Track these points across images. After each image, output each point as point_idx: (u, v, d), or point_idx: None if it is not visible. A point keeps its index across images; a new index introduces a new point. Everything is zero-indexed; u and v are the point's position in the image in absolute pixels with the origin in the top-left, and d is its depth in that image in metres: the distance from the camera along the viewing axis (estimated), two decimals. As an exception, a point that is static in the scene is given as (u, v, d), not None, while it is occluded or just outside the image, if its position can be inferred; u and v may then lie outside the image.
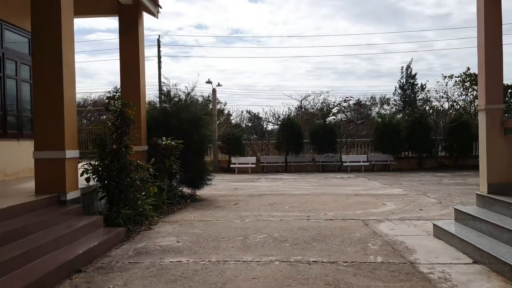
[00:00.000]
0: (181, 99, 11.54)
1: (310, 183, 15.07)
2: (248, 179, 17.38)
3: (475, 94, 23.03)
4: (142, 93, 10.35)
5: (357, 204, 9.75)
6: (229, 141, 21.67)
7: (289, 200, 10.67)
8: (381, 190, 12.66)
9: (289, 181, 16.04)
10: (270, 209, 9.22)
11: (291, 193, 12.18)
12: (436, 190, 12.36)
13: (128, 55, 10.28)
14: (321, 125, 22.28)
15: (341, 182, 15.55)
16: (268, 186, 14.20)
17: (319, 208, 9.23)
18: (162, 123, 10.90)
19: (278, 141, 22.13)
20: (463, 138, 20.89)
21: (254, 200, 10.80)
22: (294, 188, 13.58)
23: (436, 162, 21.68)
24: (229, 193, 12.37)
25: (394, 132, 21.13)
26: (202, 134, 11.31)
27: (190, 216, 8.62)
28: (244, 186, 14.33)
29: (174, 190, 10.34)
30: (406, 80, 55.82)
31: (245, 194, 12.00)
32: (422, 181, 15.04)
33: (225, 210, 9.29)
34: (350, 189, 12.92)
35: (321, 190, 12.76)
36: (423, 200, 10.25)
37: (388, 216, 8.19)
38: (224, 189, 13.48)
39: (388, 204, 9.74)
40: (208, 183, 11.52)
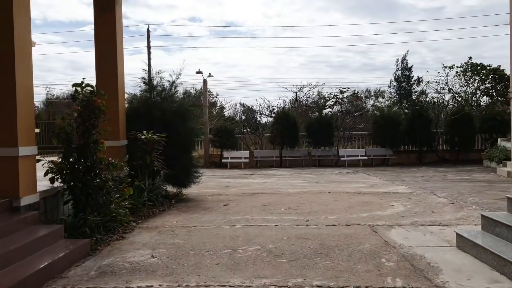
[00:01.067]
0: (165, 88, 10.44)
1: (306, 180, 14.06)
2: (241, 175, 16.34)
3: (477, 85, 22.14)
4: (120, 81, 9.24)
5: (361, 205, 8.74)
6: (221, 135, 20.58)
7: (284, 200, 9.64)
8: (384, 187, 11.67)
9: (284, 177, 15.02)
10: (263, 212, 8.19)
11: (287, 191, 11.16)
12: (443, 187, 11.39)
13: (105, 38, 9.14)
14: (317, 118, 21.28)
15: (339, 178, 14.55)
16: (261, 183, 13.17)
17: (318, 210, 8.22)
18: (143, 115, 9.80)
19: (272, 134, 21.10)
20: (464, 131, 19.99)
21: (246, 200, 9.76)
22: (290, 185, 12.56)
23: (436, 156, 20.76)
24: (219, 192, 11.32)
25: (393, 125, 20.16)
26: (188, 127, 10.24)
27: (172, 220, 7.57)
28: (236, 183, 13.29)
29: (156, 189, 9.27)
30: (401, 73, 55.02)
31: (237, 193, 10.96)
32: (425, 177, 14.08)
33: (213, 212, 8.25)
34: (350, 187, 11.92)
35: (319, 188, 11.75)
36: (432, 200, 9.27)
37: (398, 220, 7.19)
38: (214, 187, 12.43)
39: (394, 205, 8.75)
40: (196, 181, 10.47)
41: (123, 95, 9.46)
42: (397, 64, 54.33)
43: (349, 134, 21.64)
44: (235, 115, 29.93)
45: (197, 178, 10.47)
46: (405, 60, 54.76)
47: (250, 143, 21.74)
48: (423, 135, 20.09)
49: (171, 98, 10.48)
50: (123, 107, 9.40)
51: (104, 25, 9.14)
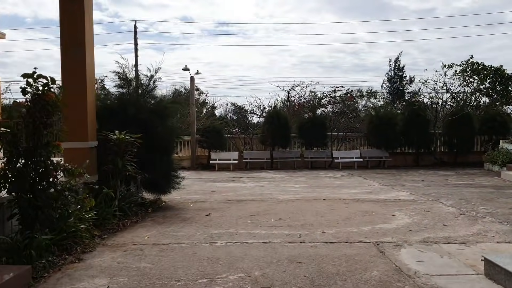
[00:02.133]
0: (143, 83, 9.36)
1: (299, 184, 13.05)
2: (229, 178, 15.28)
3: (476, 85, 21.31)
4: (90, 75, 8.13)
5: (361, 216, 7.74)
6: (208, 135, 19.51)
7: (275, 208, 8.61)
8: (384, 193, 10.69)
9: (275, 181, 13.99)
10: (251, 224, 7.15)
11: (278, 197, 10.13)
12: (448, 194, 10.44)
13: (72, 23, 8.00)
14: (310, 118, 20.27)
15: (334, 182, 13.56)
16: (250, 188, 12.12)
17: (313, 222, 7.20)
18: (117, 113, 8.73)
19: (263, 134, 20.07)
20: (463, 132, 19.13)
21: (232, 208, 8.72)
22: (281, 190, 11.53)
23: (434, 158, 19.87)
24: (203, 198, 10.26)
25: (389, 125, 19.22)
26: (168, 126, 9.18)
27: (144, 235, 6.50)
28: (223, 188, 12.23)
29: (130, 197, 8.20)
30: (394, 73, 54.37)
31: (222, 200, 9.91)
32: (426, 182, 13.14)
33: (192, 224, 7.19)
34: (346, 192, 10.93)
35: (313, 194, 10.74)
36: (440, 210, 8.30)
37: (407, 236, 6.19)
38: (198, 192, 11.37)
39: (399, 215, 7.75)
40: (176, 186, 9.41)
41: (93, 91, 8.35)
42: (390, 64, 53.68)
43: (343, 135, 20.68)
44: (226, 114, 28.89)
45: (178, 184, 9.40)
46: (398, 61, 54.19)
47: (240, 143, 20.69)
48: (421, 136, 19.19)
49: (150, 95, 9.42)
50: (93, 104, 8.29)
51: (71, 8, 8.02)
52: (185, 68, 20.14)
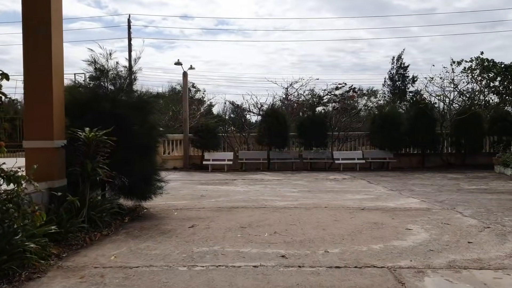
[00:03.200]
0: (121, 75, 8.25)
1: (297, 188, 11.96)
2: (222, 180, 14.20)
3: (486, 82, 20.23)
4: (57, 61, 7.01)
5: (369, 229, 6.66)
6: (201, 134, 18.42)
7: (270, 218, 7.52)
8: (392, 200, 9.61)
9: (271, 184, 12.91)
10: (241, 239, 6.06)
11: (274, 204, 9.04)
12: (463, 201, 9.37)
13: (36, 6, 6.91)
14: (310, 116, 19.19)
15: (336, 186, 12.47)
16: (244, 193, 11.03)
17: (314, 237, 6.11)
18: (91, 108, 7.62)
19: (259, 134, 18.98)
20: (472, 132, 18.07)
21: (221, 218, 7.63)
22: (278, 195, 10.44)
23: (441, 160, 18.81)
24: (191, 204, 9.18)
25: (394, 125, 18.14)
26: (149, 124, 8.10)
27: (112, 253, 5.40)
28: (214, 192, 11.15)
29: (103, 205, 7.10)
30: (396, 71, 53.35)
31: (212, 207, 8.82)
32: (436, 186, 12.06)
33: (172, 239, 6.10)
34: (350, 198, 9.85)
35: (313, 200, 9.66)
36: (459, 222, 7.22)
37: (428, 258, 5.10)
38: (186, 197, 10.29)
39: (413, 228, 6.67)
40: (158, 192, 8.30)
41: (61, 81, 7.23)
42: (392, 62, 52.68)
43: (344, 135, 19.58)
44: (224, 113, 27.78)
45: (160, 189, 8.29)
46: (401, 59, 53.18)
47: (235, 143, 19.58)
48: (427, 137, 18.12)
49: (129, 88, 8.31)
50: (61, 97, 7.17)
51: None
52: (177, 62, 19.05)
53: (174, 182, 13.43)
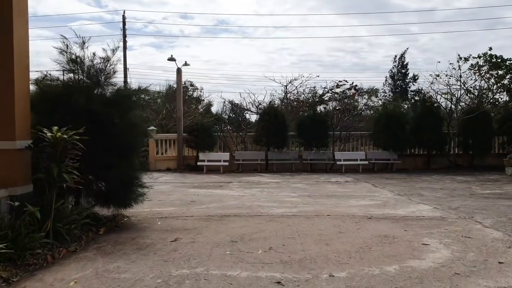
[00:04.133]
0: (99, 67, 7.32)
1: (297, 192, 11.05)
2: (216, 183, 13.29)
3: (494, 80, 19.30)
4: (20, 50, 6.09)
5: (380, 243, 5.74)
6: (196, 133, 17.50)
7: (265, 230, 6.60)
8: (401, 207, 8.70)
9: (269, 188, 11.99)
10: (229, 258, 5.15)
11: (270, 212, 8.13)
12: (480, 208, 8.46)
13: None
14: (310, 115, 18.25)
15: (338, 189, 11.56)
16: (238, 197, 10.12)
17: (316, 255, 5.20)
18: (62, 105, 6.71)
19: (257, 133, 18.06)
20: (481, 132, 17.13)
21: (210, 229, 6.71)
22: (275, 201, 9.53)
23: (447, 161, 17.90)
24: (178, 212, 8.26)
25: (399, 124, 17.23)
26: (130, 122, 7.15)
27: (73, 277, 4.48)
28: (206, 197, 10.23)
29: (73, 214, 6.18)
30: (398, 70, 52.49)
31: (201, 215, 7.90)
32: (447, 191, 11.15)
33: (149, 257, 5.18)
34: (355, 205, 8.95)
35: (314, 206, 8.74)
36: (481, 234, 6.30)
37: (455, 286, 4.18)
38: (174, 203, 9.37)
39: (431, 243, 5.75)
40: (140, 199, 7.37)
41: (25, 74, 6.30)
42: (394, 61, 51.82)
43: (346, 135, 18.66)
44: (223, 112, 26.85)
45: (142, 196, 7.36)
46: (403, 57, 52.32)
47: (232, 143, 18.66)
48: (433, 137, 17.18)
49: (107, 82, 7.39)
50: (25, 91, 6.25)
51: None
52: (171, 58, 18.13)
53: (164, 185, 12.54)
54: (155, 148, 18.31)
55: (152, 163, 18.14)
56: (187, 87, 41.93)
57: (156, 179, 14.40)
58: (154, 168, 18.02)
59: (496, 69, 19.05)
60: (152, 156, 18.24)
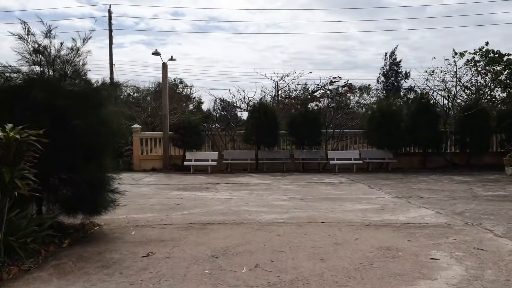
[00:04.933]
0: (65, 59, 6.49)
1: (288, 194, 10.31)
2: (203, 184, 12.51)
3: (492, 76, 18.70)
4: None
5: (382, 258, 5.01)
6: (182, 131, 16.70)
7: (252, 241, 5.85)
8: (401, 211, 7.99)
9: (258, 190, 11.24)
10: (208, 279, 4.38)
11: (259, 218, 7.37)
12: (486, 213, 7.78)
13: None
14: (302, 112, 17.51)
15: (332, 191, 10.84)
16: (225, 201, 9.35)
17: (310, 275, 4.45)
18: (21, 99, 5.90)
19: (247, 131, 17.29)
20: (479, 130, 16.52)
21: (189, 240, 5.94)
22: (265, 205, 8.78)
23: (444, 160, 17.27)
24: (157, 219, 7.47)
25: (394, 122, 16.56)
26: (99, 120, 6.34)
27: (15, 307, 3.70)
28: (190, 201, 9.45)
29: (30, 226, 5.37)
30: (390, 67, 52.00)
31: (181, 222, 7.12)
32: (447, 192, 10.49)
33: (112, 280, 4.40)
34: (351, 209, 8.22)
35: (307, 212, 8.01)
36: (495, 246, 5.60)
37: (478, 316, 3.47)
38: (154, 208, 8.57)
39: (440, 258, 5.03)
40: (111, 206, 6.57)
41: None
42: (385, 58, 51.34)
43: (339, 133, 17.95)
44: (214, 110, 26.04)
45: (113, 202, 6.55)
46: (394, 55, 51.83)
47: (220, 142, 17.86)
48: (429, 135, 16.55)
49: (76, 75, 6.57)
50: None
51: None
52: (155, 52, 17.26)
53: (146, 187, 11.75)
54: (139, 147, 17.47)
55: (137, 163, 17.32)
56: (177, 85, 41.08)
57: (138, 180, 13.63)
58: (139, 168, 17.21)
59: (493, 64, 18.46)
60: (136, 156, 17.41)
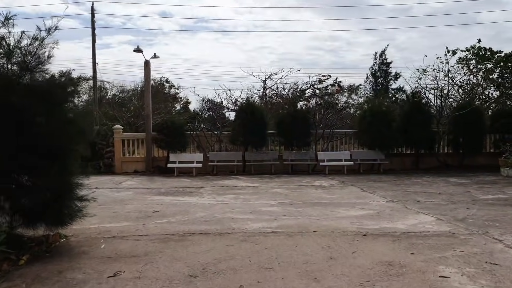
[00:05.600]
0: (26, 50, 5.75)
1: (277, 199, 9.66)
2: (186, 188, 11.80)
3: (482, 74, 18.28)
4: None
5: (384, 276, 4.37)
6: (166, 132, 15.96)
7: (236, 256, 5.17)
8: (398, 218, 7.39)
9: (245, 194, 10.57)
10: (183, 305, 3.70)
11: (244, 228, 6.70)
12: (490, 219, 7.21)
13: None
14: (291, 112, 16.87)
15: (323, 195, 10.21)
16: (208, 207, 8.66)
17: (303, 299, 3.80)
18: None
19: (233, 132, 16.61)
20: (472, 130, 16.08)
21: (165, 255, 5.23)
22: (251, 211, 8.11)
23: (437, 160, 16.80)
24: (131, 228, 6.75)
25: (385, 122, 16.02)
26: (63, 119, 5.61)
27: None
28: (171, 207, 8.74)
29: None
30: (379, 67, 51.75)
31: (159, 233, 6.42)
32: (445, 196, 9.94)
33: (69, 307, 3.69)
34: (345, 216, 7.59)
35: (297, 219, 7.35)
36: (509, 258, 5.00)
37: None
38: (130, 216, 7.84)
39: (451, 275, 4.40)
40: (78, 215, 5.84)
41: None
42: (374, 58, 51.08)
43: (329, 133, 17.36)
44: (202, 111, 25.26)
45: (80, 212, 5.82)
46: (384, 54, 51.61)
47: (205, 142, 17.15)
48: (422, 135, 16.05)
49: (38, 69, 5.82)
50: None
51: None
52: (137, 49, 16.49)
53: (125, 192, 11.00)
54: (121, 149, 16.68)
55: (118, 165, 16.53)
56: (163, 84, 40.26)
57: (119, 184, 12.88)
58: (121, 170, 16.42)
59: (485, 62, 18.05)
60: (118, 158, 16.62)
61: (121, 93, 36.00)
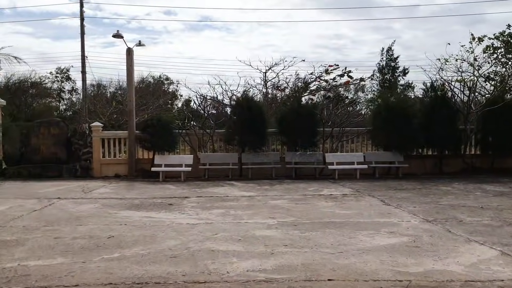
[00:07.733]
0: None
1: (276, 216, 7.50)
2: (167, 199, 9.67)
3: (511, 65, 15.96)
4: None
5: None
6: (151, 130, 13.86)
7: None
8: (446, 251, 5.22)
9: (237, 208, 8.42)
10: None
11: (225, 271, 4.54)
12: None
13: None
14: (294, 108, 14.69)
15: (336, 212, 8.03)
16: (184, 231, 6.50)
17: None
18: None
19: (229, 130, 14.47)
20: (503, 128, 13.86)
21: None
22: (241, 238, 5.96)
23: (463, 163, 14.58)
24: (62, 271, 4.61)
25: (403, 118, 13.83)
26: None
27: None
28: (134, 230, 6.59)
29: None
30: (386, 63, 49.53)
31: (94, 283, 4.28)
32: (491, 211, 7.78)
33: None
34: (369, 247, 5.43)
35: (303, 253, 5.20)
36: None
37: None
38: (75, 244, 5.71)
39: None
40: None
41: None
42: (381, 54, 48.81)
43: (339, 131, 15.17)
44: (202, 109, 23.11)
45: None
46: (391, 50, 49.34)
47: (196, 143, 15.01)
48: (446, 133, 13.86)
49: None
50: None
51: None
52: (117, 34, 14.35)
53: (89, 205, 8.91)
54: (100, 149, 14.59)
55: (97, 168, 14.47)
56: (163, 81, 38.37)
57: (88, 192, 10.78)
58: (100, 174, 14.36)
59: (514, 51, 15.76)
60: (97, 159, 14.55)
61: (119, 90, 34.29)
